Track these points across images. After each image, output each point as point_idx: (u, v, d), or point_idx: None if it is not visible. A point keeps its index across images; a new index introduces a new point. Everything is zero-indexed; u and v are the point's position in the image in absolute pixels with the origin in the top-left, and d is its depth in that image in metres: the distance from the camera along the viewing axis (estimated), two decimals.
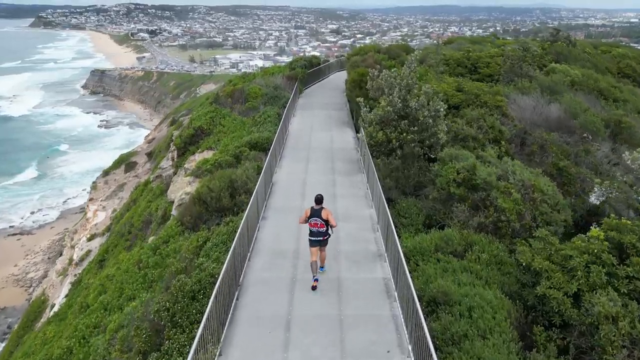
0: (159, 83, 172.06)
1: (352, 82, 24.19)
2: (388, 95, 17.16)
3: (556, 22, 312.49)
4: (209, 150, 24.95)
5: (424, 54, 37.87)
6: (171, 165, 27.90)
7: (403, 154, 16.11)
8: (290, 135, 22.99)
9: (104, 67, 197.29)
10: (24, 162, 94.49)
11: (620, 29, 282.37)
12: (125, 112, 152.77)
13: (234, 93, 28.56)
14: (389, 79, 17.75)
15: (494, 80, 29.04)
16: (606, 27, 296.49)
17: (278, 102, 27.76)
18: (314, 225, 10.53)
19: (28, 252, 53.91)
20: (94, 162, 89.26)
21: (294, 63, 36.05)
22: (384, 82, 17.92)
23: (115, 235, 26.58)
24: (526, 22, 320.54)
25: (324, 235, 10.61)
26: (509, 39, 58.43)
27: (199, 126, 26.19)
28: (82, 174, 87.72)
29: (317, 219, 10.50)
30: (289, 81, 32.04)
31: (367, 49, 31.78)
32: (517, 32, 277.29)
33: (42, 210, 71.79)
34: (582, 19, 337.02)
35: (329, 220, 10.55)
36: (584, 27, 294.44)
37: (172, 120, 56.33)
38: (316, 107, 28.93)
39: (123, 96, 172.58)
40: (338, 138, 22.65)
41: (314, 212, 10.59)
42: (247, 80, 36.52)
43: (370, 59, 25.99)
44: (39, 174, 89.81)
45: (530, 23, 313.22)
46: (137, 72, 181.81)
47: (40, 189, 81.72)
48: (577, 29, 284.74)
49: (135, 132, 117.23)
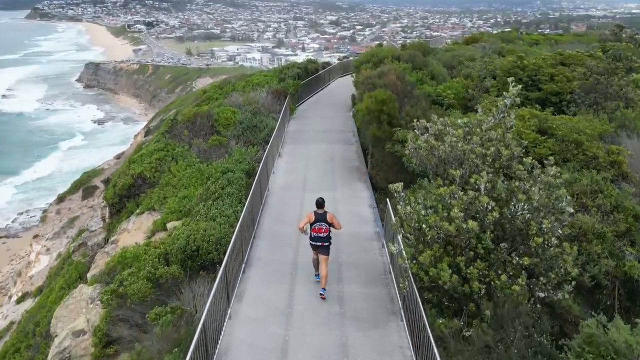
0: (154, 76, 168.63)
1: (368, 112, 15.17)
2: (461, 183, 7.91)
3: (557, 13, 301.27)
4: (150, 213, 16.01)
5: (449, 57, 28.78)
6: (101, 228, 18.99)
7: (496, 313, 7.14)
8: (269, 205, 13.97)
9: (100, 59, 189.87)
10: (12, 161, 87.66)
11: (622, 19, 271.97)
12: (120, 106, 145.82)
13: (197, 118, 19.51)
14: (463, 146, 8.31)
15: (563, 102, 19.96)
16: (608, 18, 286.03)
17: (258, 134, 18.78)
18: (318, 231, 9.97)
19: (13, 257, 46.64)
20: (87, 160, 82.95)
21: (284, 71, 26.68)
22: (451, 151, 8.51)
23: (18, 333, 17.74)
24: (527, 13, 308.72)
25: (323, 241, 10.00)
26: (547, 32, 48.78)
27: (140, 173, 17.23)
28: (73, 173, 78.98)
29: (323, 224, 9.99)
30: (276, 98, 22.93)
31: (381, 55, 22.56)
32: (518, 23, 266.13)
33: (30, 212, 65.25)
34: (583, 9, 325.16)
35: (334, 224, 10.08)
36: (585, 18, 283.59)
37: (147, 130, 47.15)
38: (312, 139, 19.87)
39: (118, 90, 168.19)
40: (346, 208, 13.68)
41: (318, 216, 10.04)
42: (223, 92, 27.35)
43: (391, 75, 16.93)
44: (28, 173, 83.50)
45: (531, 14, 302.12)
46: (132, 66, 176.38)
47: (28, 189, 75.78)
48: (579, 20, 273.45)
49: (130, 128, 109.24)
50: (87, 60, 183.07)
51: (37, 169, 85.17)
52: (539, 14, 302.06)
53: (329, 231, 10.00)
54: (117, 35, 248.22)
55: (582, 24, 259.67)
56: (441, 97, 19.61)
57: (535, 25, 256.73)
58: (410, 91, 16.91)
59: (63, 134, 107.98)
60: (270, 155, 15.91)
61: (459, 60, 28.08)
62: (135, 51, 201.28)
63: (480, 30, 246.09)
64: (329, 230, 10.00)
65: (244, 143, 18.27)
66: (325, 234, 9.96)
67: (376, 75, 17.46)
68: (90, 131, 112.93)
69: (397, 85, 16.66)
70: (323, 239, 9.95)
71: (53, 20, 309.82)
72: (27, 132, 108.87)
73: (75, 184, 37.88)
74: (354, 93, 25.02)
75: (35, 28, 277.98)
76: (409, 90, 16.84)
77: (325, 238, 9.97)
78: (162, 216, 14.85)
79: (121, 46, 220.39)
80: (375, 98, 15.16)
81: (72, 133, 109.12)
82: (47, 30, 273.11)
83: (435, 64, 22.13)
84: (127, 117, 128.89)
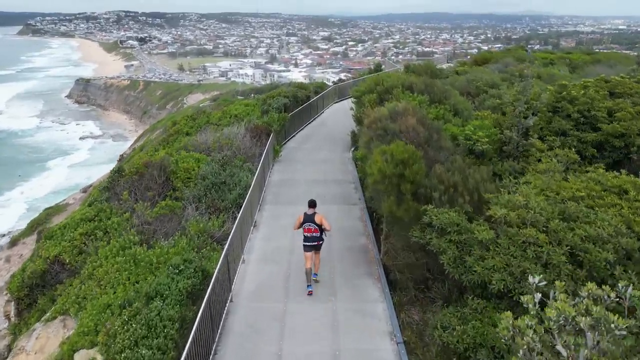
0: (145, 92, 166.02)
1: (382, 179, 9.94)
2: None
3: (546, 29, 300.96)
4: (63, 319, 10.66)
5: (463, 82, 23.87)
6: (6, 329, 13.51)
7: None
8: (230, 340, 8.52)
9: (92, 75, 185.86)
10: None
11: (610, 35, 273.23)
12: (109, 122, 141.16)
13: (147, 170, 14.22)
14: None
15: (631, 148, 14.89)
16: (596, 34, 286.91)
17: (227, 194, 13.48)
18: (309, 231, 10.02)
19: None
20: (73, 179, 78.29)
21: (268, 101, 21.30)
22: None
23: None
24: (516, 29, 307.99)
25: (318, 240, 10.10)
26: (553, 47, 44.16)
27: (57, 256, 11.89)
28: (56, 193, 72.96)
29: (311, 224, 10.02)
30: (255, 137, 17.68)
31: (388, 83, 17.42)
32: (508, 39, 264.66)
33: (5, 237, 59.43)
34: (572, 25, 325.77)
35: (323, 225, 10.07)
36: (573, 34, 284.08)
37: (120, 158, 41.75)
38: (301, 195, 14.52)
39: (108, 106, 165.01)
40: (349, 344, 8.33)
41: (307, 217, 10.09)
42: (196, 124, 22.13)
43: (409, 118, 11.75)
44: (7, 194, 77.47)
45: (520, 30, 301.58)
46: (123, 82, 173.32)
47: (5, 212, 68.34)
48: (567, 36, 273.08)
49: (119, 145, 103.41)
50: (77, 76, 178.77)
51: (20, 190, 78.56)
52: (528, 30, 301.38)
53: (319, 231, 10.03)
54: (110, 51, 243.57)
55: (571, 40, 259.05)
56: (471, 141, 14.50)
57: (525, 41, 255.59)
58: (437, 140, 11.76)
59: (51, 152, 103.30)
60: (239, 232, 10.68)
61: (476, 86, 23.13)
62: (127, 67, 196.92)
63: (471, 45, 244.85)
64: (319, 231, 10.02)
65: (206, 208, 12.99)
66: (316, 234, 10.02)
67: (388, 116, 12.31)
68: (78, 148, 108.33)
69: (418, 132, 11.53)
70: (317, 238, 10.03)
71: (45, 36, 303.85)
72: (12, 150, 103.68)
73: (31, 224, 32.16)
74: (354, 129, 19.89)
75: (26, 44, 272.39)
76: (435, 140, 11.69)
77: (318, 237, 10.05)
78: (71, 339, 9.47)
79: (113, 62, 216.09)
80: (392, 157, 9.98)
81: (59, 151, 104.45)
82: (39, 46, 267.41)
83: (456, 94, 17.09)
84: (117, 134, 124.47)
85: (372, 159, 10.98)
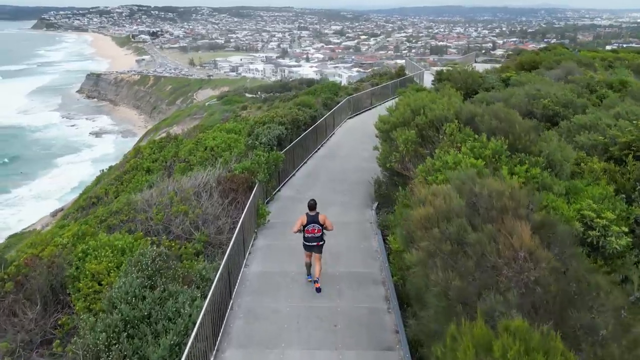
0: (155, 87, 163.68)
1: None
2: None
3: (562, 22, 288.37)
4: None
5: (522, 98, 17.50)
6: None
7: None
8: None
9: (104, 70, 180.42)
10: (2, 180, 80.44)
11: (628, 29, 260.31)
12: (119, 118, 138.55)
13: (28, 279, 7.97)
14: None
15: None
16: (614, 28, 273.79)
17: (145, 348, 7.18)
18: (312, 232, 9.66)
19: None
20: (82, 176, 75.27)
21: (256, 128, 14.54)
22: None
23: None
24: (532, 22, 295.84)
25: (318, 241, 9.75)
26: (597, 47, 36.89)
27: None
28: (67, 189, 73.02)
29: (315, 225, 9.66)
30: (229, 194, 11.29)
31: (432, 114, 10.89)
32: (524, 33, 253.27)
33: None
34: (589, 19, 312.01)
35: (326, 224, 9.75)
36: (591, 28, 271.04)
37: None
38: (294, 331, 8.05)
39: (118, 101, 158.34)
40: None
41: (310, 218, 9.70)
42: (162, 155, 15.76)
43: (519, 228, 5.39)
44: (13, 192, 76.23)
45: (536, 24, 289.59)
46: (134, 77, 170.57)
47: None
48: (584, 29, 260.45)
49: (128, 141, 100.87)
50: (89, 70, 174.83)
51: (29, 188, 76.85)
52: (544, 23, 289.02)
53: (321, 232, 9.75)
54: (122, 45, 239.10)
55: (588, 34, 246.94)
56: (594, 229, 8.11)
57: (541, 34, 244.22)
58: (581, 290, 5.30)
59: (59, 148, 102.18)
60: None
61: (543, 105, 16.55)
62: (138, 61, 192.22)
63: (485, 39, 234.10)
64: (322, 231, 9.74)
65: None
66: (318, 234, 9.76)
67: (462, 209, 5.80)
68: (88, 144, 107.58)
69: (541, 266, 5.10)
70: (317, 239, 9.76)
71: (59, 31, 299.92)
72: (22, 145, 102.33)
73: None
74: (379, 175, 13.42)
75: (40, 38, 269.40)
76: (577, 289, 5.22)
77: (319, 238, 9.77)
78: None
79: (125, 56, 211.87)
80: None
81: (68, 147, 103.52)
82: (52, 40, 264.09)
83: (551, 136, 10.46)
84: (126, 130, 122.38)
85: (448, 333, 4.50)
